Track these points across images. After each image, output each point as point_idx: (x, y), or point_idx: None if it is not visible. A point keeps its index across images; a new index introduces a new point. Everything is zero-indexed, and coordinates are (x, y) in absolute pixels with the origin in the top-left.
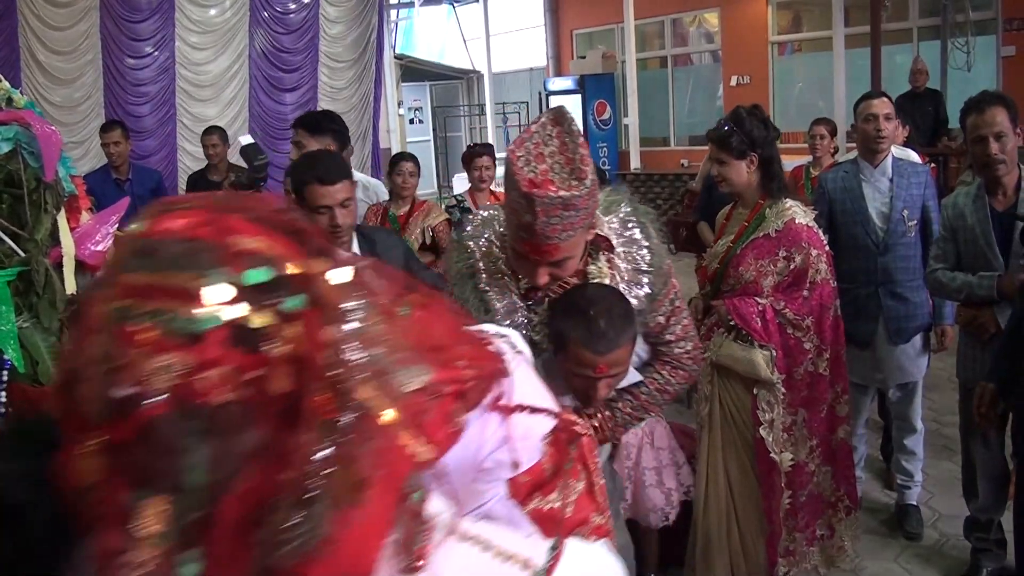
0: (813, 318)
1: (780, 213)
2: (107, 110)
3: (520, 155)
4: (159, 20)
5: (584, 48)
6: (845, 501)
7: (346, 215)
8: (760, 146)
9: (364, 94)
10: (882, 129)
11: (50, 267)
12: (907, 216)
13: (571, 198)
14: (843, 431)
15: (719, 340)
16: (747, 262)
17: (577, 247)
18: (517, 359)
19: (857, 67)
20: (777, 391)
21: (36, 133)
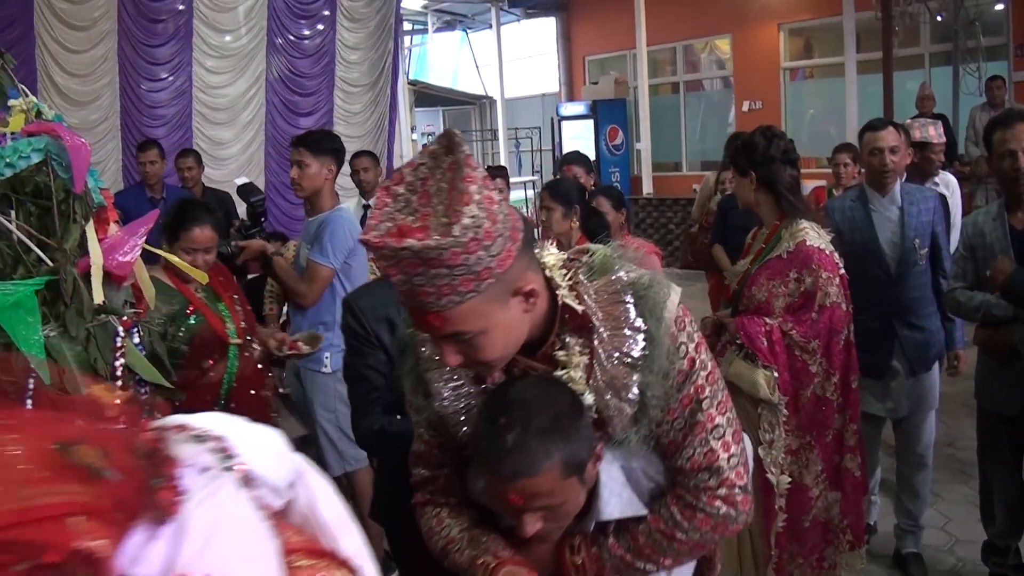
0: (820, 341)
1: (794, 234)
2: (123, 132)
3: (399, 192)
4: (177, 45)
5: (596, 74)
6: (848, 534)
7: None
8: (758, 166)
9: (379, 118)
10: (887, 164)
11: (78, 277)
12: (919, 245)
13: (426, 250)
14: (850, 460)
15: (731, 357)
16: (760, 282)
17: (482, 319)
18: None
19: (869, 93)
20: (779, 412)
21: (66, 144)
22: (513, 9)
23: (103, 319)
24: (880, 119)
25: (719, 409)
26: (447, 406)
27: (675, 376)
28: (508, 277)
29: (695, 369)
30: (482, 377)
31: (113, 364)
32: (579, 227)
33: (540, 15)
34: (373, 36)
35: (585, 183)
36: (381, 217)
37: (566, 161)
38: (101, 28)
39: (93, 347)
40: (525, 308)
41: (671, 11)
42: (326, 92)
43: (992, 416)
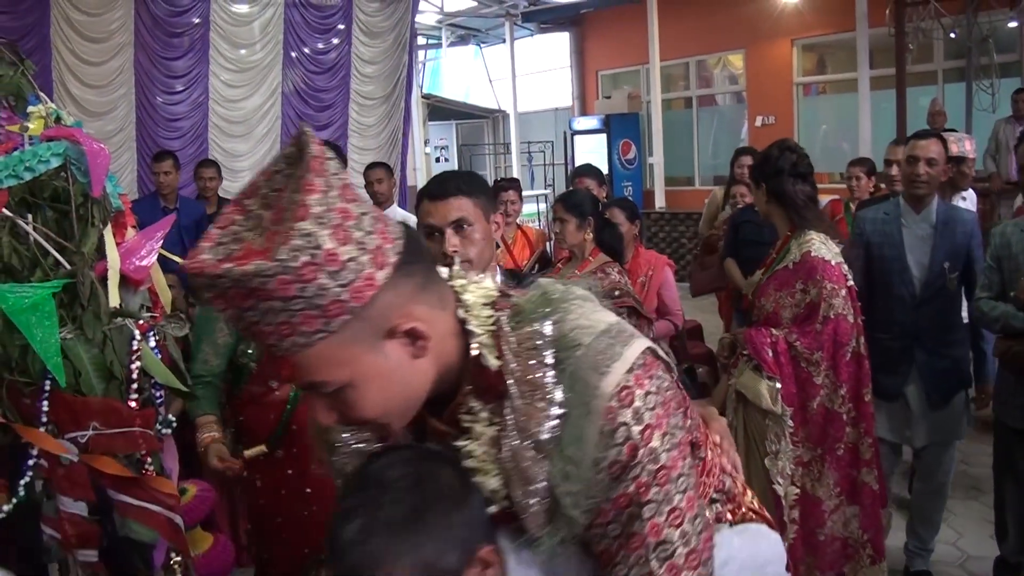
0: (825, 353)
1: (801, 244)
2: (139, 143)
3: (251, 207)
4: (193, 58)
5: (609, 88)
6: (868, 549)
7: None
8: (768, 178)
9: (393, 132)
10: (920, 174)
11: (95, 280)
12: (949, 268)
13: (245, 277)
14: (867, 474)
15: (742, 367)
16: (768, 293)
17: (342, 367)
18: None
19: (882, 109)
20: (784, 423)
21: (85, 149)
22: (527, 24)
23: (120, 322)
24: (926, 130)
25: (671, 519)
26: (346, 462)
27: (606, 467)
28: (373, 314)
29: (638, 461)
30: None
31: (129, 367)
32: (592, 239)
33: (554, 30)
34: (388, 50)
35: (597, 195)
36: (220, 237)
37: (578, 173)
38: (118, 40)
39: (109, 350)
40: (413, 353)
41: (684, 26)
42: (341, 105)
43: (1009, 430)
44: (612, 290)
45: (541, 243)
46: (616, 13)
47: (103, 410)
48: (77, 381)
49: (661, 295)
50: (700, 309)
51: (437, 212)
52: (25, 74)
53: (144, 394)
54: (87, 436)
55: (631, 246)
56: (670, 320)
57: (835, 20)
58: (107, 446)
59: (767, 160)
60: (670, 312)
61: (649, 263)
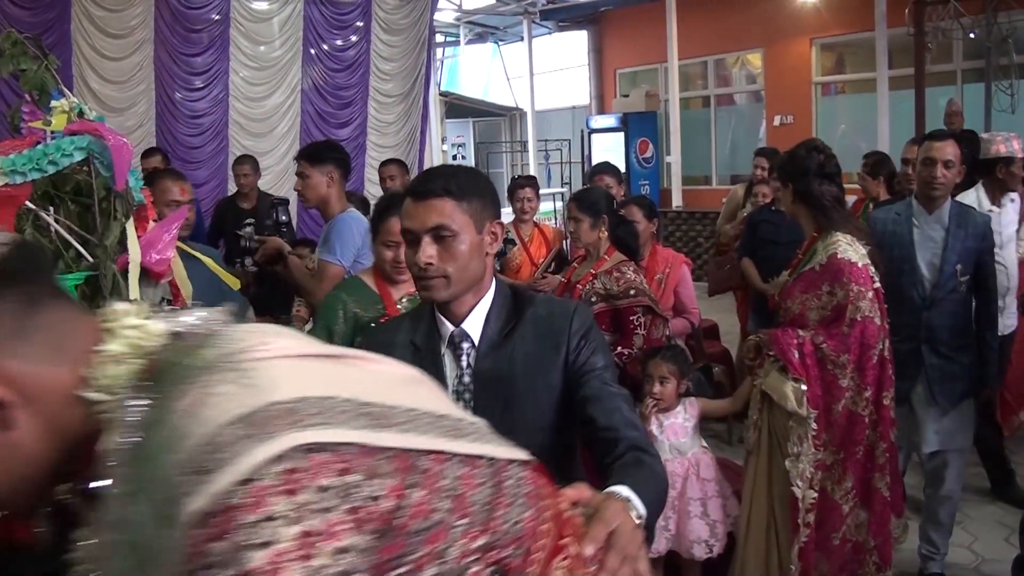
0: (851, 356)
1: (827, 246)
2: (159, 139)
3: None
4: (214, 54)
5: (627, 87)
6: (875, 556)
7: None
8: (795, 178)
9: (411, 129)
10: (937, 176)
11: (117, 273)
12: (959, 271)
13: None
14: (879, 480)
15: (768, 368)
16: (794, 295)
17: None
18: None
19: (900, 109)
20: (808, 426)
21: (109, 144)
22: (545, 22)
23: None
24: (942, 130)
25: None
26: None
27: None
28: None
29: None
30: None
31: None
32: (608, 237)
33: (572, 28)
34: (407, 48)
35: (616, 193)
36: None
37: (597, 171)
38: (138, 36)
39: None
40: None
41: (703, 25)
42: (360, 103)
43: None
44: (628, 288)
45: (558, 241)
46: (635, 11)
47: None
48: None
49: (678, 293)
50: (716, 308)
51: (416, 214)
52: (49, 68)
53: None
54: None
55: (648, 244)
56: (687, 318)
57: (854, 19)
58: None
59: (794, 160)
60: (687, 310)
61: (666, 261)
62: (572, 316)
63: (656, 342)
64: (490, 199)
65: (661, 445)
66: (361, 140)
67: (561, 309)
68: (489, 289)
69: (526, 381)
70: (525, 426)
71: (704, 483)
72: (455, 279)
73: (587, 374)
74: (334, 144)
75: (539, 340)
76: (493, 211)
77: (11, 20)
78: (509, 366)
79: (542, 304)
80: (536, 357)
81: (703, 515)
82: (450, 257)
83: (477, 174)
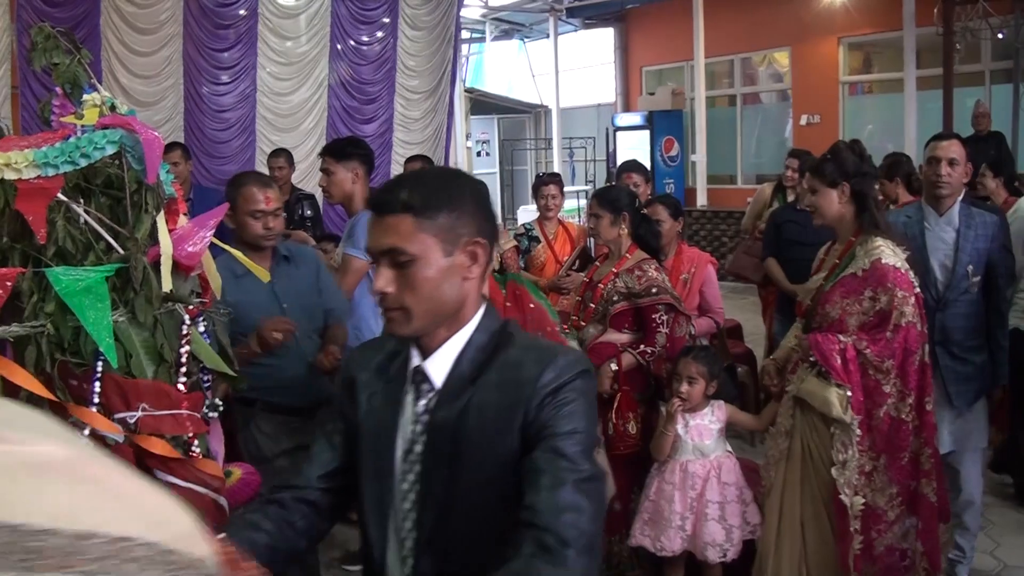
0: (895, 361)
1: (869, 252)
2: (187, 134)
3: None
4: (242, 50)
5: (653, 85)
6: (924, 562)
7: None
8: (852, 177)
9: (437, 126)
10: (942, 175)
11: (148, 265)
12: (971, 272)
13: None
14: (926, 486)
15: (803, 374)
16: (833, 300)
17: None
18: None
19: (928, 109)
20: (852, 432)
21: (140, 138)
22: (571, 19)
23: (170, 307)
24: (947, 132)
25: None
26: None
27: None
28: None
29: None
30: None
31: (178, 351)
32: (629, 235)
33: (598, 25)
34: (433, 44)
35: (642, 192)
36: None
37: (624, 169)
38: (167, 31)
39: (160, 333)
40: None
41: (730, 23)
42: (387, 98)
43: None
44: (649, 287)
45: (583, 239)
46: (661, 9)
47: (153, 392)
48: (128, 363)
49: (703, 293)
50: (740, 308)
51: (372, 233)
52: (81, 63)
53: (192, 378)
54: (136, 417)
55: (674, 243)
56: (711, 318)
57: (882, 19)
58: (155, 427)
59: (846, 160)
60: (711, 310)
61: (692, 260)
62: (545, 366)
63: (679, 340)
64: (469, 211)
65: (684, 445)
66: (387, 136)
67: (536, 356)
68: (470, 321)
69: (479, 441)
70: (475, 498)
71: (724, 487)
72: (416, 313)
73: (543, 440)
74: (359, 140)
75: (502, 391)
76: (473, 226)
77: (41, 15)
78: (462, 420)
79: (519, 347)
80: (493, 411)
81: (720, 519)
82: (408, 286)
83: (452, 180)
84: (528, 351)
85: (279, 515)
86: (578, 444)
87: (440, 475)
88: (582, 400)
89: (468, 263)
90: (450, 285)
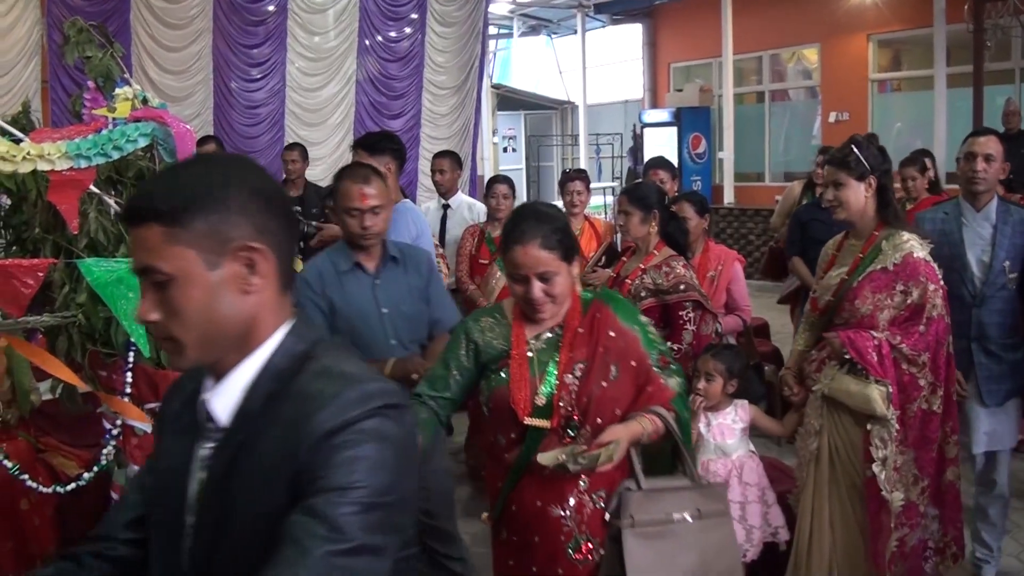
0: (929, 354)
1: (898, 246)
2: (216, 129)
3: None
4: (271, 45)
5: (681, 81)
6: (952, 548)
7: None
8: (877, 171)
9: (465, 122)
10: (978, 170)
11: None
12: (1008, 268)
13: None
14: (952, 473)
15: (831, 373)
16: (864, 295)
17: None
18: None
19: (958, 107)
20: (891, 428)
21: (172, 131)
22: (599, 15)
23: None
24: (985, 128)
25: None
26: None
27: None
28: None
29: None
30: None
31: None
32: (658, 232)
33: (626, 21)
34: (461, 39)
35: (669, 189)
36: None
37: (651, 165)
38: (196, 26)
39: None
40: None
41: (758, 19)
42: (415, 94)
43: None
44: (677, 284)
45: (609, 235)
46: (689, 5)
47: None
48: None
49: (730, 290)
50: (767, 307)
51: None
52: (114, 56)
53: None
54: None
55: (701, 241)
56: (738, 315)
57: (912, 15)
58: None
59: (872, 153)
60: (738, 308)
61: (719, 258)
62: (328, 400)
63: (706, 338)
64: (237, 208)
65: (707, 444)
66: (415, 132)
67: (327, 386)
68: (266, 343)
69: (248, 497)
70: (241, 569)
71: (746, 487)
72: (188, 342)
73: (306, 497)
74: (392, 135)
75: (285, 432)
76: (247, 227)
77: (72, 10)
78: (234, 469)
79: (317, 373)
80: (269, 459)
81: (740, 519)
82: (172, 312)
83: (212, 172)
84: (324, 379)
85: None
86: (351, 504)
87: (204, 538)
88: (371, 446)
89: (245, 273)
90: (226, 304)
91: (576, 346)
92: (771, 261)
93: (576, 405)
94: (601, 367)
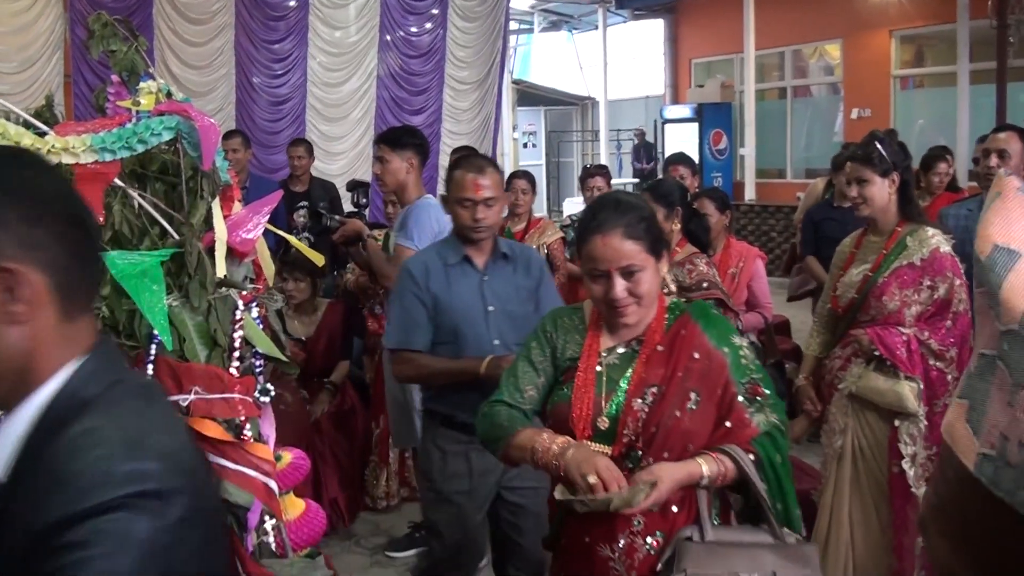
0: (956, 349)
1: (924, 241)
2: (238, 123)
3: None
4: (293, 40)
5: (703, 77)
6: None
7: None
8: (900, 167)
9: (486, 117)
10: (992, 166)
11: (202, 251)
12: None
13: None
14: None
15: (858, 371)
16: (891, 291)
17: None
18: None
19: (980, 104)
20: (920, 424)
21: (197, 125)
22: (620, 10)
23: (224, 292)
24: (1007, 124)
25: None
26: None
27: None
28: None
29: None
30: None
31: (232, 335)
32: (680, 229)
33: (648, 17)
34: (483, 35)
35: (690, 185)
36: None
37: (672, 161)
38: (219, 22)
39: (213, 318)
40: None
41: (781, 15)
42: (436, 90)
43: None
44: (700, 281)
45: None
46: (711, 0)
47: (205, 375)
48: (181, 347)
49: (751, 288)
50: (788, 304)
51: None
52: (138, 50)
53: (245, 362)
54: (189, 400)
55: (721, 237)
56: (759, 313)
57: (935, 11)
58: (207, 411)
59: (895, 148)
60: (759, 305)
61: (740, 255)
62: (61, 485)
63: None
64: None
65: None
66: (436, 127)
67: (70, 463)
68: (48, 383)
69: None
70: None
71: None
72: None
73: None
74: (414, 130)
75: (19, 511)
76: (7, 237)
77: (94, 5)
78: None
79: (72, 437)
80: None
81: None
82: None
83: None
84: (76, 447)
85: None
86: None
87: None
88: (102, 551)
89: (4, 299)
90: None
91: (651, 366)
92: (792, 258)
93: (642, 435)
94: (677, 393)
